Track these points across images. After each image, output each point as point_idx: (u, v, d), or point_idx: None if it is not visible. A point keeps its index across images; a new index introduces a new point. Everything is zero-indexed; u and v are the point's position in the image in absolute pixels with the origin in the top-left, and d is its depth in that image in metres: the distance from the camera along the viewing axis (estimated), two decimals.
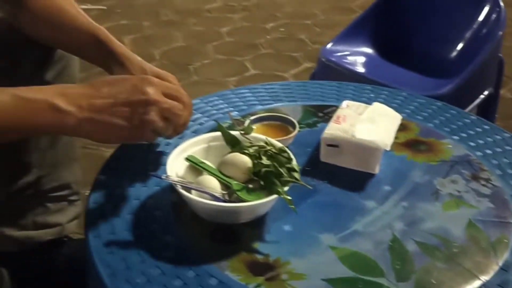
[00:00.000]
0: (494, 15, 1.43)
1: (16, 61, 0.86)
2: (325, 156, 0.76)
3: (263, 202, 0.60)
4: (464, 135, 0.85)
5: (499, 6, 1.43)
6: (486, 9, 1.46)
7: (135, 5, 3.16)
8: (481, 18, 1.46)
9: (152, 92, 0.61)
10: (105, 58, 0.77)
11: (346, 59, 1.45)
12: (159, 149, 0.79)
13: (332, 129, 0.75)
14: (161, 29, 2.79)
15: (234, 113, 0.89)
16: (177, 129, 0.67)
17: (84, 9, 2.75)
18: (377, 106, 0.81)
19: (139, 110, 0.60)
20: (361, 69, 1.43)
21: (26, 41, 0.84)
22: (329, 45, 1.45)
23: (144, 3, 3.20)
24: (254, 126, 0.78)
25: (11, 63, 0.84)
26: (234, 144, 0.67)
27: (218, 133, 0.70)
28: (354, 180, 0.73)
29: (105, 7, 3.09)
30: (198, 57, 2.41)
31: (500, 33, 1.40)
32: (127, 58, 0.76)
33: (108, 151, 1.52)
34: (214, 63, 2.38)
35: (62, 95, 0.59)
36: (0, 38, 0.85)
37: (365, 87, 1.01)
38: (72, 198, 1.01)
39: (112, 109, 0.60)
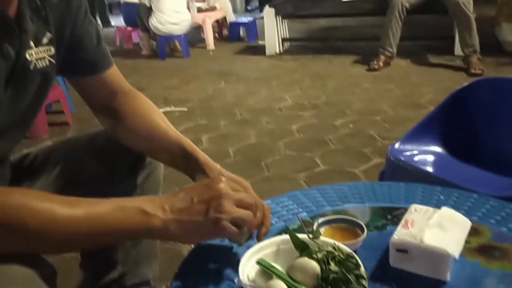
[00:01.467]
0: None
1: (112, 168, 0.98)
2: (395, 261, 0.76)
3: None
4: None
5: None
6: None
7: (213, 106, 3.43)
8: None
9: (223, 186, 0.70)
10: (190, 167, 0.87)
11: (415, 157, 1.46)
12: (232, 249, 0.84)
13: (400, 234, 0.76)
14: (236, 128, 2.97)
15: (303, 214, 0.93)
16: (251, 230, 0.73)
17: (168, 111, 3.04)
18: (446, 211, 0.82)
19: (213, 204, 0.68)
20: (430, 168, 1.43)
21: (121, 149, 0.97)
22: (397, 144, 1.47)
23: (222, 104, 3.46)
24: (322, 229, 0.81)
25: (108, 169, 0.97)
26: (303, 249, 0.70)
27: (288, 236, 0.74)
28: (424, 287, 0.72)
29: (186, 109, 3.37)
30: (270, 154, 2.52)
31: None
32: (208, 167, 0.86)
33: (184, 246, 1.60)
34: (285, 159, 2.46)
35: (149, 202, 0.70)
36: (101, 148, 0.99)
37: (435, 188, 1.01)
38: None
39: (190, 209, 0.69)
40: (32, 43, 0.79)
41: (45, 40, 0.82)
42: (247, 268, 0.70)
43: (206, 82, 4.10)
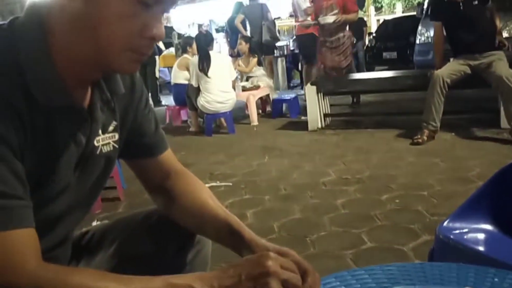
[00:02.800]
0: None
1: (164, 246, 1.03)
2: None
3: None
4: None
5: None
6: None
7: (258, 180, 3.49)
8: None
9: (271, 264, 0.72)
10: (237, 244, 0.91)
11: (466, 236, 1.43)
12: None
13: None
14: (280, 203, 2.99)
15: None
16: None
17: (214, 186, 3.11)
18: None
19: (261, 281, 0.70)
20: (482, 248, 1.39)
21: (173, 228, 1.02)
22: (446, 222, 1.45)
23: (266, 179, 3.52)
24: None
25: (160, 247, 1.02)
26: None
27: None
28: None
29: (231, 184, 3.45)
30: (315, 229, 2.49)
31: None
32: (254, 242, 0.89)
33: None
34: (331, 235, 2.43)
35: (199, 279, 0.73)
36: (153, 226, 1.05)
37: (488, 270, 0.98)
38: None
39: (238, 286, 0.71)
40: (100, 131, 0.89)
41: (111, 128, 0.91)
42: None
43: (251, 157, 4.20)
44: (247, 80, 6.25)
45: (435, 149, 3.86)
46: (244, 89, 5.91)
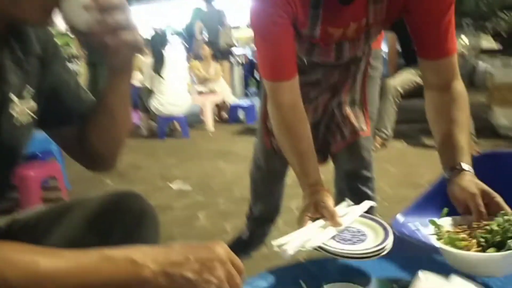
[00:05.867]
0: None
1: (109, 231, 0.95)
2: None
3: None
4: None
5: None
6: None
7: (211, 184, 3.42)
8: None
9: (221, 252, 0.68)
10: None
11: (418, 231, 1.43)
12: None
13: None
14: (234, 205, 2.93)
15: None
16: None
17: (167, 187, 2.94)
18: (456, 280, 0.78)
19: (208, 265, 0.66)
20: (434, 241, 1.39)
21: (117, 212, 0.95)
22: (400, 218, 1.45)
23: (220, 182, 3.46)
24: None
25: (104, 234, 0.93)
26: None
27: None
28: None
29: (190, 188, 3.35)
30: None
31: None
32: None
33: None
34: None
35: (140, 252, 0.66)
36: (95, 212, 0.96)
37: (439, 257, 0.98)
38: None
39: (184, 264, 0.65)
40: (14, 97, 0.78)
41: (26, 94, 0.81)
42: None
43: (205, 162, 4.13)
44: (202, 83, 6.17)
45: (387, 156, 3.93)
46: (200, 93, 5.83)
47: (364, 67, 1.49)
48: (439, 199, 1.55)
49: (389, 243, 0.90)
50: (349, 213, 0.99)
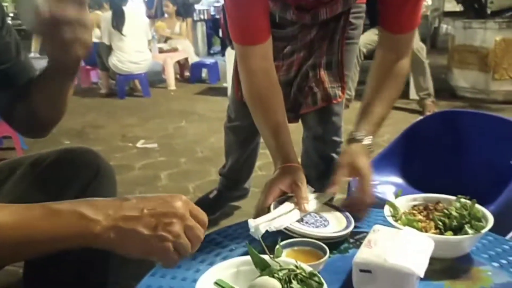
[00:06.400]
0: None
1: (63, 188, 0.92)
2: (358, 283, 0.73)
3: None
4: (504, 261, 0.81)
5: None
6: None
7: (173, 144, 3.38)
8: None
9: (180, 206, 0.63)
10: None
11: (376, 188, 1.46)
12: (189, 275, 0.79)
13: (364, 254, 0.73)
14: (197, 165, 2.92)
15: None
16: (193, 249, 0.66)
17: (130, 146, 2.86)
18: (408, 232, 0.80)
19: (165, 221, 0.61)
20: (391, 198, 1.43)
21: (72, 168, 0.93)
22: None
23: (182, 142, 3.41)
24: (284, 251, 0.77)
25: (59, 190, 0.90)
26: (263, 268, 0.66)
27: (248, 258, 0.69)
28: None
29: (156, 145, 3.30)
30: None
31: None
32: None
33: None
34: (250, 196, 2.41)
35: (90, 205, 0.61)
36: (48, 168, 0.93)
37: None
38: None
39: (138, 219, 0.61)
40: None
41: None
42: None
43: (167, 121, 4.06)
44: (165, 41, 5.99)
45: (349, 117, 3.94)
46: (161, 51, 5.65)
47: (343, 24, 1.41)
48: (396, 158, 1.60)
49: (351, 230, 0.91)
50: (313, 199, 0.99)
